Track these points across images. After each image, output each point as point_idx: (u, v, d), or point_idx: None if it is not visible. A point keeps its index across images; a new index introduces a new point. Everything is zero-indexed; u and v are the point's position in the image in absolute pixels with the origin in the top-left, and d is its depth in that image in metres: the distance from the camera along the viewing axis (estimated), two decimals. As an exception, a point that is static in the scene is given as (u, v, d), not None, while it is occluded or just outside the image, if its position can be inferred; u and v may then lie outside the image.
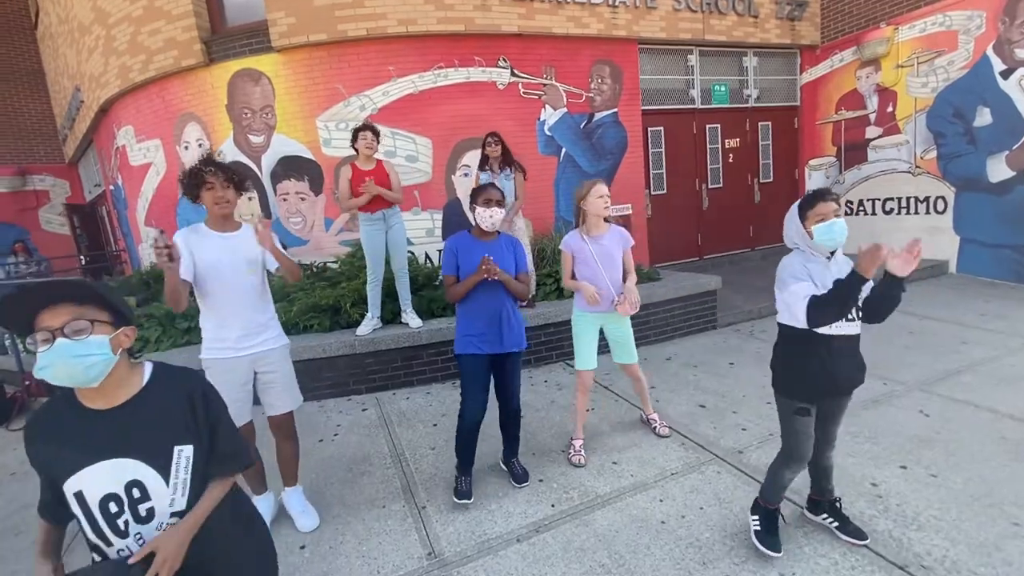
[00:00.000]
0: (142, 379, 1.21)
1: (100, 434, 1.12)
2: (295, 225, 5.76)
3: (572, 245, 2.86)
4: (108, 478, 1.10)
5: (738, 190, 7.67)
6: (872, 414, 3.14)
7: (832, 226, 1.80)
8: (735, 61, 7.30)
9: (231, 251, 2.28)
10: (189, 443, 1.18)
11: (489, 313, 2.49)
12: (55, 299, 1.07)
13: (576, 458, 2.88)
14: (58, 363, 1.05)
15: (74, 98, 7.62)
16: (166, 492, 1.15)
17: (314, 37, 5.26)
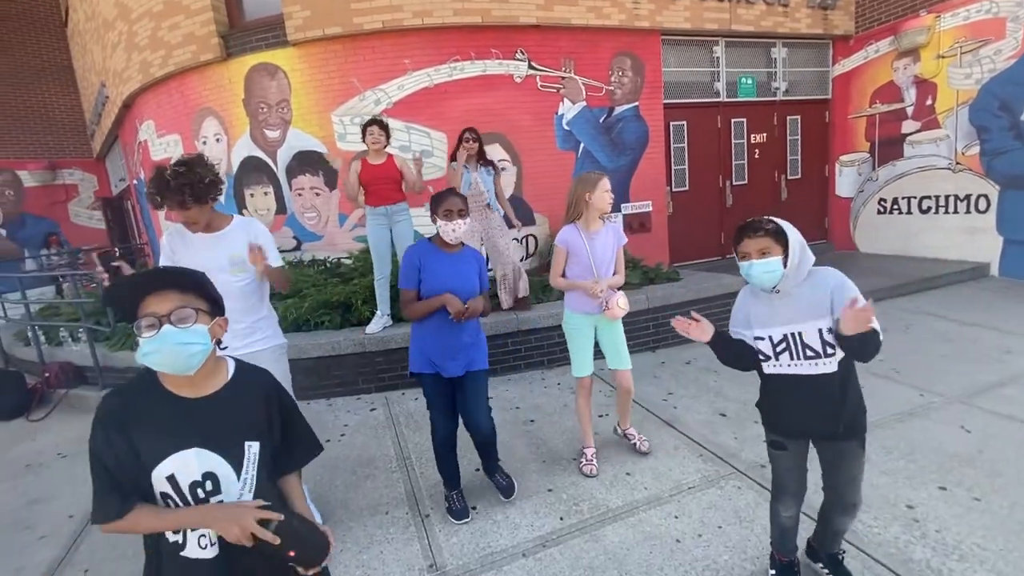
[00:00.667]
0: (227, 373, 1.21)
1: (188, 422, 1.12)
2: (310, 220, 5.74)
3: (569, 240, 2.68)
4: (193, 466, 1.10)
5: (764, 187, 7.39)
6: (908, 428, 2.93)
7: (750, 268, 1.62)
8: (763, 52, 7.01)
9: (212, 251, 2.15)
10: (257, 440, 1.18)
11: (445, 333, 2.32)
12: (162, 286, 1.09)
13: (587, 467, 2.75)
14: (164, 349, 1.07)
15: (100, 94, 7.76)
16: (236, 486, 1.14)
17: (329, 30, 5.20)
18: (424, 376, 2.38)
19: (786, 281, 1.62)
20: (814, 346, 1.64)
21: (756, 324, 1.71)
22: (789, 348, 1.68)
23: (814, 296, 1.64)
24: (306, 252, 5.73)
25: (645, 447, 2.89)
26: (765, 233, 1.61)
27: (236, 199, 5.93)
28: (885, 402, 3.25)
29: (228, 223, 2.24)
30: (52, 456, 3.54)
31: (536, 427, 3.31)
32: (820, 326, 1.63)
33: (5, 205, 9.21)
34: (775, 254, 1.60)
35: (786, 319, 1.66)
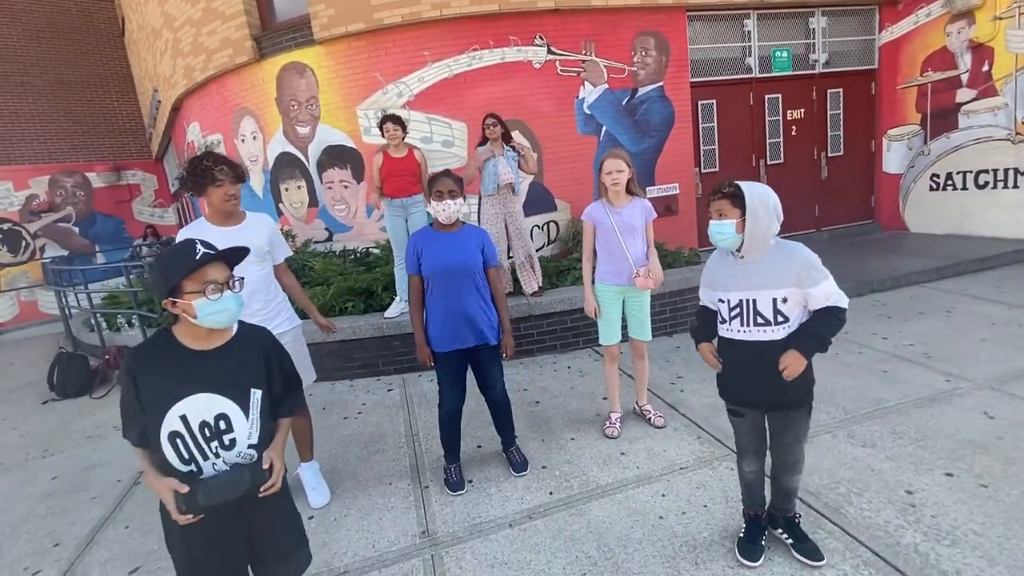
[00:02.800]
0: (232, 330, 1.42)
1: (199, 371, 1.33)
2: (340, 212, 6.00)
3: (594, 216, 2.81)
4: (204, 408, 1.31)
5: (802, 166, 7.06)
6: (924, 414, 2.81)
7: (709, 228, 1.73)
8: (799, 23, 6.65)
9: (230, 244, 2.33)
10: (260, 388, 1.40)
11: (454, 312, 2.43)
12: (215, 258, 1.32)
13: (610, 430, 2.91)
14: (233, 307, 1.33)
15: (153, 98, 8.34)
16: (245, 426, 1.35)
17: (352, 27, 5.38)
18: (436, 354, 2.51)
19: (746, 248, 1.67)
20: (765, 314, 1.69)
21: (718, 286, 1.80)
22: (742, 313, 1.74)
23: (777, 266, 1.67)
24: (337, 243, 6.01)
25: (660, 422, 2.97)
26: (722, 196, 1.68)
27: (272, 193, 6.28)
28: (906, 387, 3.12)
29: (244, 217, 2.43)
30: (109, 429, 3.95)
31: (540, 408, 3.39)
32: (775, 295, 1.66)
33: (77, 205, 10.14)
34: (730, 217, 1.66)
35: (745, 285, 1.72)
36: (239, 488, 1.30)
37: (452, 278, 2.42)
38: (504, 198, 4.33)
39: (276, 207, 6.30)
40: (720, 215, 1.68)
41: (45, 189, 9.88)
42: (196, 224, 2.39)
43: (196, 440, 1.30)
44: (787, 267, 1.65)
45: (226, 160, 2.32)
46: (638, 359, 3.02)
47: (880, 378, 3.27)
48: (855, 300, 4.79)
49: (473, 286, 2.46)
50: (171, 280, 1.28)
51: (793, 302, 1.67)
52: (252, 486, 1.32)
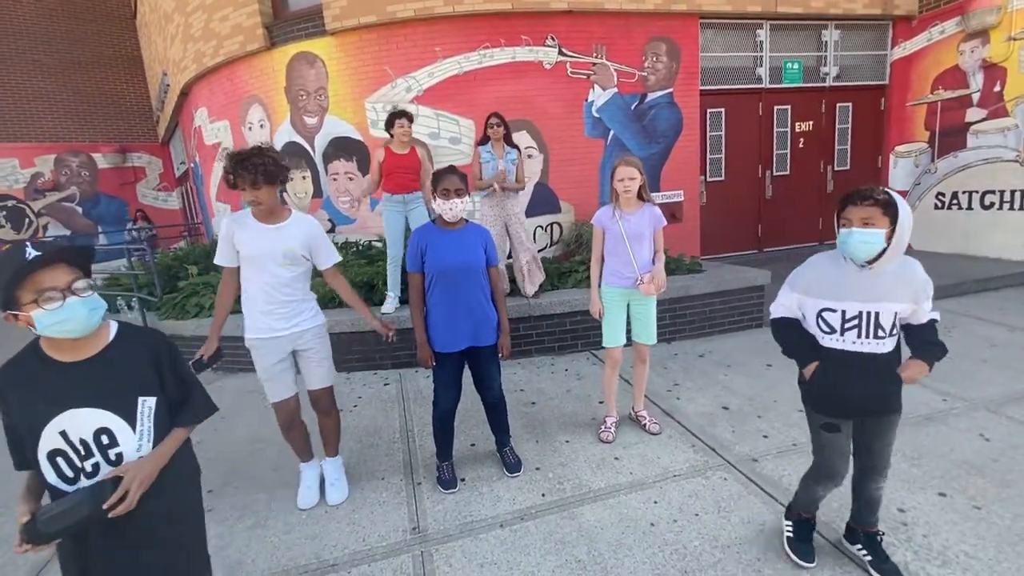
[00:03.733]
0: (109, 335, 1.30)
1: (70, 384, 1.21)
2: (344, 204, 6.00)
3: (604, 221, 2.83)
4: (79, 425, 1.20)
5: (808, 178, 7.05)
6: (920, 432, 2.80)
7: (848, 236, 1.58)
8: (812, 35, 6.64)
9: (270, 244, 2.27)
10: (152, 395, 1.29)
11: (456, 312, 2.42)
12: (51, 261, 1.16)
13: (604, 434, 2.91)
14: (75, 317, 1.17)
15: (162, 82, 8.34)
16: (133, 439, 1.25)
17: (364, 19, 5.37)
18: (437, 354, 2.48)
19: (886, 259, 1.59)
20: (886, 326, 1.65)
21: (828, 295, 1.69)
22: (860, 325, 1.66)
23: (901, 279, 1.63)
24: (340, 235, 6.00)
25: (655, 429, 2.96)
26: (874, 202, 1.54)
27: (277, 182, 6.27)
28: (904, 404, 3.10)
29: (287, 217, 2.33)
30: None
31: (536, 409, 3.39)
32: (898, 309, 1.64)
33: (81, 185, 10.13)
34: (879, 226, 1.54)
35: (868, 296, 1.63)
36: (79, 511, 1.15)
37: (455, 277, 2.40)
38: (502, 200, 4.32)
39: (280, 196, 6.28)
40: (867, 223, 1.55)
41: (50, 168, 9.88)
42: (241, 215, 2.32)
43: (69, 459, 1.21)
44: (910, 281, 1.62)
45: (249, 164, 2.15)
46: (639, 363, 3.01)
47: (877, 394, 3.26)
48: (855, 315, 4.78)
49: (476, 285, 2.45)
50: (5, 292, 1.13)
51: (905, 316, 1.67)
52: (93, 507, 1.16)
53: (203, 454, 3.07)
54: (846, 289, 1.66)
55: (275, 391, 2.42)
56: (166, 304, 5.01)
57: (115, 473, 1.21)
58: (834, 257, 1.73)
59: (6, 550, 2.35)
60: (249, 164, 2.15)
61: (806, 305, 1.76)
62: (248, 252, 2.28)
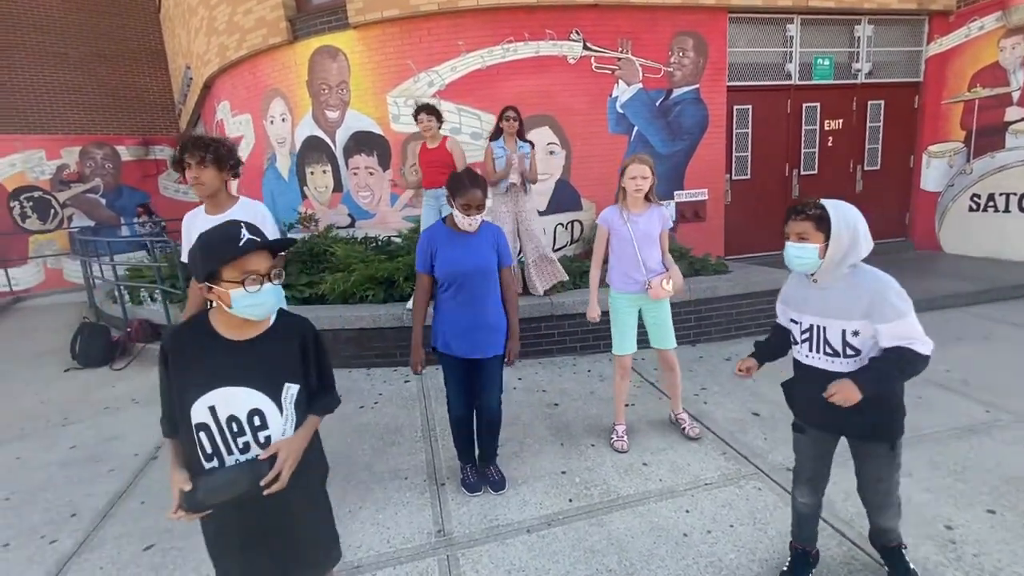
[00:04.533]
0: (270, 320, 1.34)
1: (233, 362, 1.26)
2: (364, 199, 5.98)
3: (610, 221, 2.74)
4: (235, 402, 1.24)
5: (837, 178, 6.86)
6: (964, 445, 2.69)
7: (785, 250, 1.60)
8: (844, 30, 6.45)
9: None
10: (296, 382, 1.32)
11: (463, 318, 2.33)
12: (260, 247, 1.22)
13: (618, 444, 2.81)
14: (271, 301, 1.24)
15: (185, 75, 8.39)
16: (280, 422, 1.28)
17: (388, 13, 5.33)
18: (443, 355, 2.43)
19: (822, 272, 1.56)
20: (834, 344, 1.59)
21: (793, 305, 1.70)
22: (811, 339, 1.65)
23: (849, 295, 1.54)
24: (359, 229, 5.99)
25: (695, 432, 2.88)
26: (806, 217, 1.52)
27: (298, 176, 6.28)
28: (944, 415, 2.99)
29: (233, 204, 2.30)
30: (127, 401, 3.97)
31: (559, 411, 3.33)
32: (845, 327, 1.56)
33: (105, 177, 10.27)
34: (813, 241, 1.53)
35: (816, 310, 1.63)
36: (239, 485, 1.20)
37: (466, 281, 2.31)
38: (515, 196, 4.26)
39: (301, 190, 6.30)
40: (800, 238, 1.53)
41: (76, 160, 10.02)
42: (195, 210, 2.32)
43: (224, 434, 1.24)
44: (858, 297, 1.52)
45: (201, 142, 2.18)
46: (668, 371, 2.92)
47: (915, 405, 3.13)
48: (887, 320, 4.64)
49: (487, 290, 2.36)
50: (210, 265, 1.20)
51: (865, 335, 1.54)
52: (252, 483, 1.21)
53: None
54: (800, 301, 1.66)
55: None
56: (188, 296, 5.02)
57: (270, 451, 1.24)
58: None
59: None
60: (201, 143, 2.19)
61: (784, 315, 1.78)
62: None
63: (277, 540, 1.34)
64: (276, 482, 1.23)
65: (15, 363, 5.23)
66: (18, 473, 3.00)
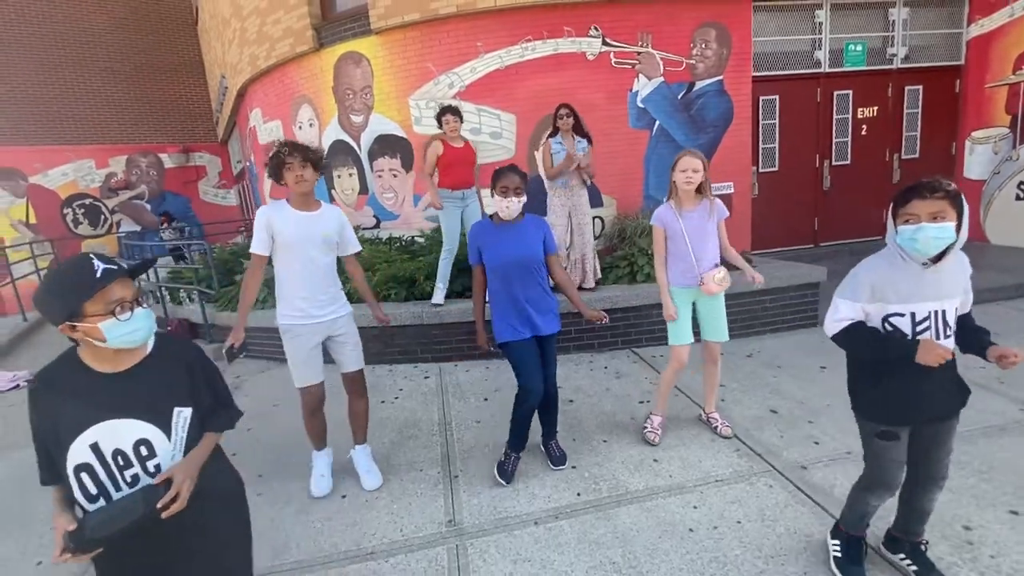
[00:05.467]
0: (146, 347, 1.31)
1: (109, 395, 1.22)
2: (388, 200, 6.13)
3: (664, 219, 2.71)
4: (118, 435, 1.21)
5: (871, 168, 6.60)
6: (992, 444, 2.59)
7: (917, 232, 1.45)
8: (878, 14, 6.19)
9: (309, 229, 2.41)
10: (188, 405, 1.30)
11: (517, 300, 2.46)
12: (121, 274, 1.21)
13: (651, 435, 2.83)
14: (146, 324, 1.23)
15: (221, 84, 8.77)
16: (169, 449, 1.26)
17: (408, 17, 5.44)
18: (511, 344, 2.50)
19: (952, 253, 1.51)
20: (951, 323, 1.59)
21: (894, 299, 1.57)
22: (932, 326, 1.57)
23: (957, 273, 1.58)
24: (384, 230, 6.15)
25: (727, 432, 2.87)
26: (945, 195, 1.44)
27: (325, 180, 6.48)
28: (974, 413, 2.85)
29: (319, 207, 2.51)
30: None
31: (574, 407, 3.36)
32: (956, 303, 1.59)
33: (150, 184, 10.86)
34: (950, 219, 1.44)
35: (934, 294, 1.55)
36: (133, 512, 1.15)
37: (513, 272, 2.44)
38: (571, 191, 4.30)
39: (329, 192, 6.50)
40: (939, 217, 1.44)
41: (122, 168, 10.62)
42: (277, 204, 2.46)
43: (109, 470, 1.20)
44: (963, 273, 1.58)
45: (299, 146, 2.39)
46: (710, 363, 2.91)
47: (944, 401, 3.04)
48: (921, 315, 4.46)
49: (535, 279, 2.48)
50: (71, 304, 1.14)
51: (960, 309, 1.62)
52: (147, 507, 1.16)
53: (254, 439, 3.26)
54: (913, 290, 1.55)
55: (306, 376, 2.52)
56: (222, 297, 5.29)
57: (164, 476, 1.22)
58: (890, 258, 1.59)
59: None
60: (301, 146, 2.39)
61: (870, 313, 1.63)
62: (288, 238, 2.39)
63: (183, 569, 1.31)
64: (175, 502, 1.19)
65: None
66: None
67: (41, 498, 1.23)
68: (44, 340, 6.86)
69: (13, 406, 4.32)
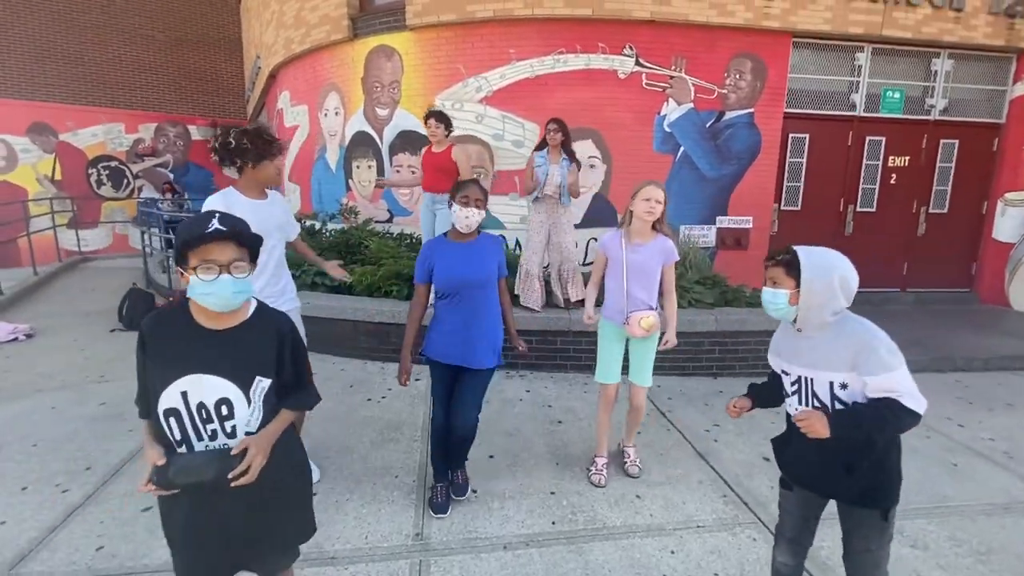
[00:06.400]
0: (247, 312, 1.36)
1: (207, 351, 1.28)
2: (403, 196, 6.11)
3: (608, 247, 2.59)
4: (205, 389, 1.26)
5: (896, 218, 6.45)
6: (993, 523, 2.45)
7: (763, 293, 1.54)
8: (920, 63, 6.07)
9: (263, 217, 2.27)
10: (269, 376, 1.34)
11: (460, 325, 2.32)
12: (225, 237, 1.22)
13: (596, 477, 2.69)
14: (220, 293, 1.23)
15: (255, 64, 8.87)
16: (246, 412, 1.30)
17: (444, 17, 5.44)
18: (433, 363, 2.41)
19: (801, 321, 1.49)
20: (822, 397, 1.49)
21: (782, 356, 1.61)
22: (800, 391, 1.55)
23: (836, 345, 1.45)
24: (396, 225, 6.12)
25: (634, 471, 2.75)
26: (776, 263, 1.51)
27: (345, 169, 6.49)
28: (978, 488, 2.74)
29: (267, 194, 2.40)
30: (159, 367, 4.21)
31: (562, 428, 3.27)
32: (833, 379, 1.46)
33: (175, 153, 11.00)
34: (784, 287, 1.48)
35: (804, 361, 1.53)
36: (207, 473, 1.22)
37: (466, 292, 2.31)
38: (551, 207, 4.23)
39: (346, 182, 6.50)
40: (774, 283, 1.50)
41: (151, 135, 10.77)
42: (227, 192, 2.32)
43: (193, 420, 1.26)
44: (844, 347, 1.42)
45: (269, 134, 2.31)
46: (633, 408, 2.75)
47: (947, 471, 2.90)
48: (932, 376, 4.31)
49: (488, 302, 2.35)
50: (179, 250, 1.23)
51: (854, 389, 1.44)
52: (220, 473, 1.22)
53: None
54: (788, 351, 1.57)
55: None
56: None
57: (241, 447, 1.26)
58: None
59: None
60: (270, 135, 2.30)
61: (776, 364, 1.65)
62: None
63: (237, 534, 1.35)
64: (244, 475, 1.24)
65: (70, 318, 5.65)
66: (50, 422, 3.24)
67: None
68: (49, 296, 6.94)
69: (9, 357, 4.34)
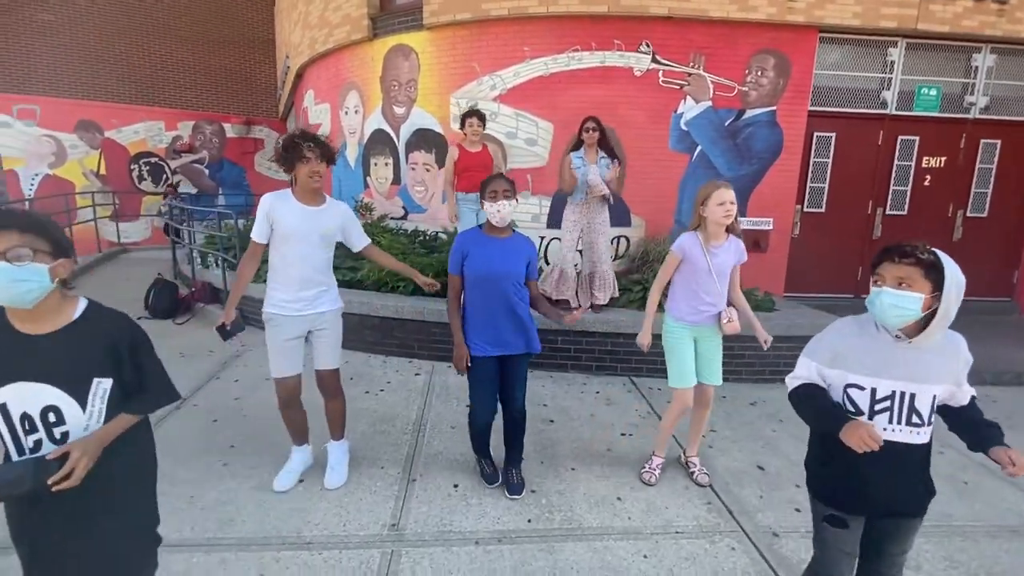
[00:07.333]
0: (74, 312, 1.27)
1: (24, 357, 1.19)
2: (418, 193, 6.19)
3: (687, 249, 2.52)
4: (26, 399, 1.18)
5: (930, 221, 6.12)
6: (998, 546, 2.31)
7: (876, 296, 1.32)
8: (959, 58, 5.74)
9: (310, 223, 2.39)
10: (109, 377, 1.26)
11: (493, 314, 2.39)
12: (2, 225, 1.14)
13: (647, 475, 2.71)
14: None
15: (284, 63, 9.14)
16: (82, 418, 1.23)
17: (460, 16, 5.48)
18: (473, 359, 2.44)
19: (928, 332, 1.32)
20: (923, 412, 1.38)
21: (857, 367, 1.41)
22: (892, 408, 1.38)
23: (944, 357, 1.38)
24: (411, 222, 6.21)
25: (704, 480, 2.71)
26: (915, 262, 1.29)
27: (363, 166, 6.62)
28: (985, 508, 2.59)
29: (325, 201, 2.48)
30: (175, 355, 4.40)
31: (552, 428, 3.26)
32: (936, 392, 1.38)
33: (211, 150, 11.45)
34: (916, 290, 1.28)
35: (905, 374, 1.37)
36: (22, 483, 1.12)
37: (493, 284, 2.38)
38: (590, 208, 4.21)
39: (364, 179, 6.64)
40: (903, 283, 1.29)
41: (189, 133, 11.25)
42: (282, 193, 2.42)
43: (14, 431, 1.18)
44: (953, 359, 1.38)
45: (317, 139, 2.36)
46: (701, 407, 2.74)
47: (955, 489, 2.75)
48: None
49: (513, 292, 2.41)
50: None
51: (943, 398, 1.40)
52: (36, 481, 1.12)
53: (238, 409, 3.34)
54: (879, 363, 1.37)
55: (282, 366, 2.49)
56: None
57: (61, 451, 1.17)
58: (864, 323, 1.44)
59: None
60: (320, 141, 2.37)
61: (830, 378, 1.47)
62: (287, 229, 2.38)
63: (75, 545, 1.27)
64: (67, 480, 1.15)
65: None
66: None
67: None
68: (87, 283, 7.33)
69: None
